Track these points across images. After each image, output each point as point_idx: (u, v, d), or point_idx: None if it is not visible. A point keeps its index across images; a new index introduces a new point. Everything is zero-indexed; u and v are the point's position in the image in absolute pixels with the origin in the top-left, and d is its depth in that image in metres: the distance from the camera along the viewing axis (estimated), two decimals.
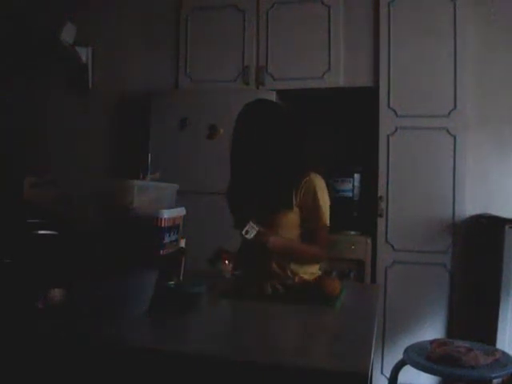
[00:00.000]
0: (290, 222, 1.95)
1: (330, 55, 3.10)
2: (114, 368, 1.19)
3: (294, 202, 1.93)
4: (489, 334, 2.63)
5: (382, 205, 2.98)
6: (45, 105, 3.65)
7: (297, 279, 1.87)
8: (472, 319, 2.84)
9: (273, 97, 2.96)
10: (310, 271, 1.98)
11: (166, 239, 1.61)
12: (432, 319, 2.90)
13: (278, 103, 2.36)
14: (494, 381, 2.34)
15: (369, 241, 3.00)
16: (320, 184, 1.97)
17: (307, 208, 1.94)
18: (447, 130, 2.91)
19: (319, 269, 2.07)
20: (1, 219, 1.59)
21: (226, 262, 1.91)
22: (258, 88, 3.18)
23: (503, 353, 2.08)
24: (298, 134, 2.05)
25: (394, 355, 2.62)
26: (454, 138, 2.91)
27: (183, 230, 1.79)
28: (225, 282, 1.87)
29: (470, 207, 2.92)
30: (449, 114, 2.91)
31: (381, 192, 2.99)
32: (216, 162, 2.95)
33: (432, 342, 2.13)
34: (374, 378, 2.86)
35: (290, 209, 1.93)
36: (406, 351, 2.13)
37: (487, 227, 2.83)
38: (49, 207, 1.61)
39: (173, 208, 1.71)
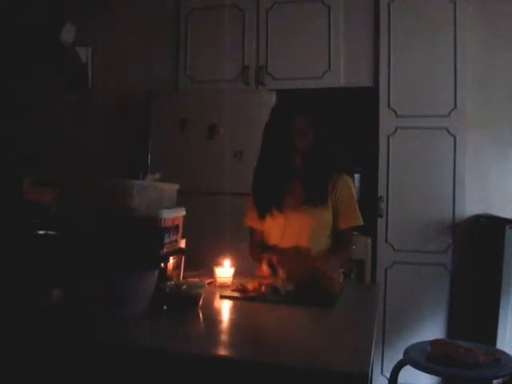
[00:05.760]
0: (324, 221, 2.01)
1: (329, 55, 3.10)
2: (114, 368, 1.19)
3: (329, 200, 2.00)
4: (489, 334, 2.63)
5: (382, 205, 2.98)
6: (45, 105, 3.65)
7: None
8: (472, 319, 2.84)
9: (273, 97, 2.97)
10: None
11: (166, 239, 1.61)
12: (432, 319, 2.90)
13: None
14: (494, 381, 2.33)
15: (369, 241, 3.00)
16: (352, 185, 2.08)
17: (343, 206, 2.01)
18: (447, 130, 2.91)
19: None
20: (1, 219, 1.59)
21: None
22: (257, 88, 3.18)
23: (503, 353, 2.08)
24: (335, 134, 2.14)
25: (394, 355, 2.62)
26: (454, 138, 2.91)
27: (183, 230, 1.79)
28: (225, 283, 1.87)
29: (470, 207, 2.92)
30: (449, 114, 2.91)
31: (381, 192, 2.99)
32: (216, 162, 2.96)
33: (432, 342, 2.12)
34: (373, 378, 2.86)
35: (325, 204, 1.98)
36: (405, 351, 2.12)
37: (487, 227, 2.83)
38: (49, 207, 1.61)
39: (173, 208, 1.71)
